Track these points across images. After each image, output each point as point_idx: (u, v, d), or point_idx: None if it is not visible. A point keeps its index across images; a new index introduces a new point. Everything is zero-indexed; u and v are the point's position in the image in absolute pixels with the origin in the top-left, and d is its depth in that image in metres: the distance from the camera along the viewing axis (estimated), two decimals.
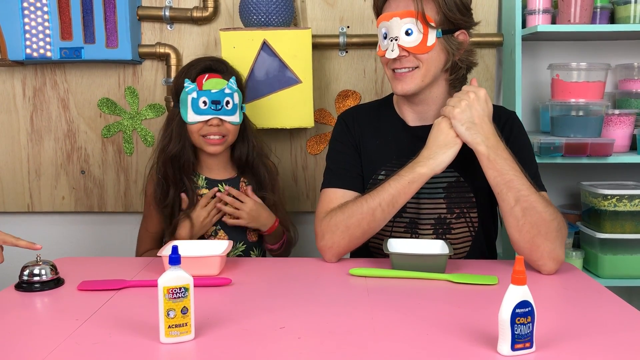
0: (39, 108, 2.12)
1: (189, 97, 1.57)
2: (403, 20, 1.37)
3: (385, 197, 1.35)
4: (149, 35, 2.07)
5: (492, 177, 1.31)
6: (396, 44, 1.38)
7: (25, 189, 2.16)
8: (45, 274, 1.24)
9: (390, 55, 1.39)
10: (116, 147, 2.13)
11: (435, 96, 1.47)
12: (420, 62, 1.39)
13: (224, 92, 1.58)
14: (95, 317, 1.08)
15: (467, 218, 1.47)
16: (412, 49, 1.38)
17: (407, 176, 1.34)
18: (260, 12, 1.86)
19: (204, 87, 1.57)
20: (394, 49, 1.38)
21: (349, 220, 1.37)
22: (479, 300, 1.16)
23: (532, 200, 1.28)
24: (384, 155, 1.50)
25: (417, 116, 1.50)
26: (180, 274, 0.97)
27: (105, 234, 2.21)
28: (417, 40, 1.37)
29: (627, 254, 1.87)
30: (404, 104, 1.51)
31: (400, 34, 1.38)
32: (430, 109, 1.48)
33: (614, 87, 2.12)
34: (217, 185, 1.66)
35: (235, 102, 1.60)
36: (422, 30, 1.37)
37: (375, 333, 1.01)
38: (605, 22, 1.94)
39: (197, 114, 1.57)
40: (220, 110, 1.57)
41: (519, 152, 1.40)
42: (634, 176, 2.09)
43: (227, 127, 1.60)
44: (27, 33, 1.95)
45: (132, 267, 1.40)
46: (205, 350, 0.95)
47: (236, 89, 1.60)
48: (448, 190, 1.45)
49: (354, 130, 1.53)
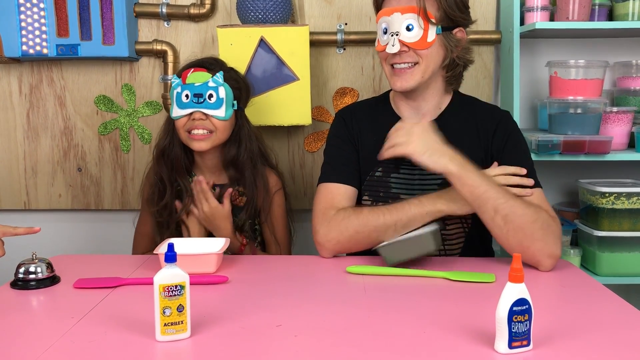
0: (36, 105, 2.11)
1: (174, 92, 1.57)
2: (404, 16, 1.38)
3: (403, 219, 1.36)
4: (146, 32, 2.06)
5: (468, 194, 1.31)
6: (397, 39, 1.38)
7: (22, 187, 2.15)
8: (41, 272, 1.24)
9: (390, 50, 1.39)
10: (113, 144, 2.12)
11: (431, 92, 1.47)
12: (420, 58, 1.40)
13: (207, 85, 1.55)
14: (91, 315, 1.08)
15: (460, 216, 1.46)
16: (412, 44, 1.38)
17: (428, 207, 1.36)
18: (257, 9, 1.86)
19: (187, 80, 1.55)
20: (394, 43, 1.39)
21: (362, 227, 1.37)
22: (477, 298, 1.16)
23: (510, 205, 1.29)
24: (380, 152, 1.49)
25: (413, 112, 1.50)
26: (176, 271, 0.96)
27: (102, 232, 2.21)
28: (418, 36, 1.38)
29: (624, 252, 1.87)
30: (401, 100, 1.52)
31: (401, 29, 1.38)
32: (427, 105, 1.49)
33: (612, 84, 2.12)
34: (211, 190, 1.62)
35: (221, 97, 1.55)
36: (423, 26, 1.37)
37: (372, 331, 1.00)
38: (603, 19, 1.94)
39: (180, 108, 1.56)
40: (202, 103, 1.54)
41: (514, 150, 1.41)
42: (631, 174, 2.09)
43: (213, 122, 1.56)
44: (23, 30, 1.95)
45: (128, 264, 1.39)
46: (202, 348, 0.95)
47: (222, 83, 1.56)
48: (443, 188, 1.44)
49: (351, 127, 1.54)
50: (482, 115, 1.50)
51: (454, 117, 1.49)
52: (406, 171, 1.48)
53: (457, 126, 1.47)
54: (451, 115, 1.50)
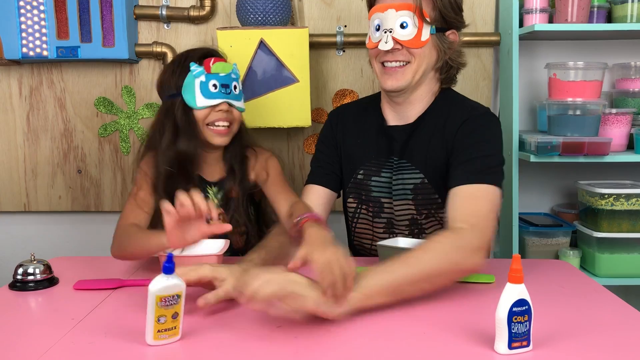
0: (36, 107, 2.11)
1: (196, 80, 1.45)
2: (399, 13, 1.35)
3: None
4: (146, 34, 2.07)
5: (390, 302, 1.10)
6: (390, 35, 1.36)
7: (22, 189, 2.16)
8: (39, 273, 1.24)
9: (383, 47, 1.36)
10: (113, 146, 2.13)
11: (419, 96, 1.44)
12: (413, 57, 1.37)
13: (231, 77, 1.50)
14: (91, 317, 1.08)
15: (436, 218, 1.44)
16: (406, 42, 1.35)
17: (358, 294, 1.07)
18: (257, 11, 1.86)
19: (212, 70, 1.47)
20: (387, 40, 1.36)
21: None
22: (476, 299, 1.16)
23: (420, 269, 1.11)
24: (363, 154, 1.49)
25: (396, 115, 1.47)
26: (173, 282, 0.94)
27: (101, 234, 2.20)
28: (412, 34, 1.35)
29: (624, 253, 1.87)
30: (386, 102, 1.49)
31: (395, 26, 1.35)
32: (413, 109, 1.45)
33: (611, 86, 2.12)
34: (207, 187, 1.55)
35: (240, 89, 1.54)
36: (417, 25, 1.35)
37: (371, 332, 1.00)
38: (602, 21, 1.94)
39: (207, 97, 1.45)
40: (230, 94, 1.49)
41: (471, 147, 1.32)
42: (631, 175, 2.09)
43: (234, 114, 1.51)
44: (24, 32, 1.95)
45: (128, 266, 1.39)
46: (202, 349, 0.95)
47: (239, 74, 1.54)
48: (414, 192, 1.43)
49: (336, 129, 1.54)
50: (455, 113, 1.41)
51: (428, 119, 1.43)
52: (387, 174, 1.45)
53: (427, 129, 1.42)
54: (427, 118, 1.44)
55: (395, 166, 1.45)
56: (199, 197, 1.15)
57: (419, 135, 1.43)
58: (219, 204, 1.56)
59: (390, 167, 1.45)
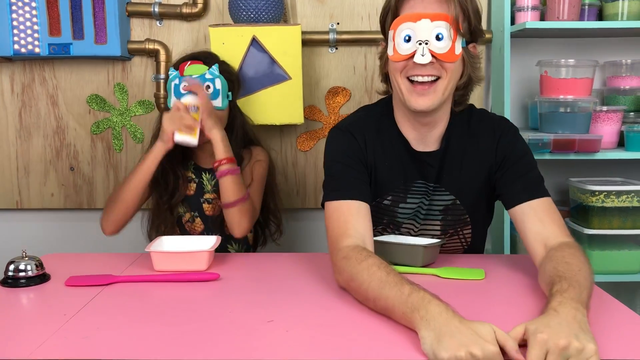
0: (28, 104, 2.11)
1: (172, 84, 1.60)
2: (434, 23, 1.22)
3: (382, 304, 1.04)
4: (138, 32, 2.06)
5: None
6: (427, 48, 1.22)
7: (14, 186, 2.15)
8: (30, 270, 1.24)
9: (420, 60, 1.22)
10: (105, 143, 2.12)
11: (442, 116, 1.34)
12: (445, 72, 1.25)
13: (205, 77, 1.60)
14: (84, 312, 1.08)
15: (460, 236, 1.43)
16: (441, 55, 1.23)
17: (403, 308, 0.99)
18: (249, 8, 1.86)
19: (185, 72, 1.60)
20: (424, 53, 1.22)
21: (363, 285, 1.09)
22: (466, 295, 1.17)
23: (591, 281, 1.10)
24: (392, 179, 1.37)
25: (417, 134, 1.35)
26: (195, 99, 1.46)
27: (94, 231, 2.19)
28: (447, 47, 1.23)
29: (614, 250, 1.89)
30: (406, 122, 1.35)
31: (431, 37, 1.22)
32: (437, 129, 1.35)
33: (602, 83, 2.14)
34: (202, 174, 1.68)
35: (217, 88, 1.61)
36: (452, 37, 1.23)
37: (363, 327, 1.01)
38: (593, 19, 1.96)
39: (178, 98, 1.58)
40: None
41: (519, 162, 1.34)
42: (621, 172, 2.11)
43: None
44: (15, 29, 1.94)
45: (120, 263, 1.39)
46: (194, 343, 0.95)
47: (218, 75, 1.61)
48: (444, 213, 1.39)
49: (365, 150, 1.35)
50: (486, 130, 1.36)
51: (454, 140, 1.36)
52: (415, 199, 1.38)
53: (459, 151, 1.36)
54: (452, 139, 1.36)
55: (430, 191, 1.37)
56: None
57: (452, 158, 1.36)
58: (212, 189, 1.68)
59: (417, 192, 1.37)
